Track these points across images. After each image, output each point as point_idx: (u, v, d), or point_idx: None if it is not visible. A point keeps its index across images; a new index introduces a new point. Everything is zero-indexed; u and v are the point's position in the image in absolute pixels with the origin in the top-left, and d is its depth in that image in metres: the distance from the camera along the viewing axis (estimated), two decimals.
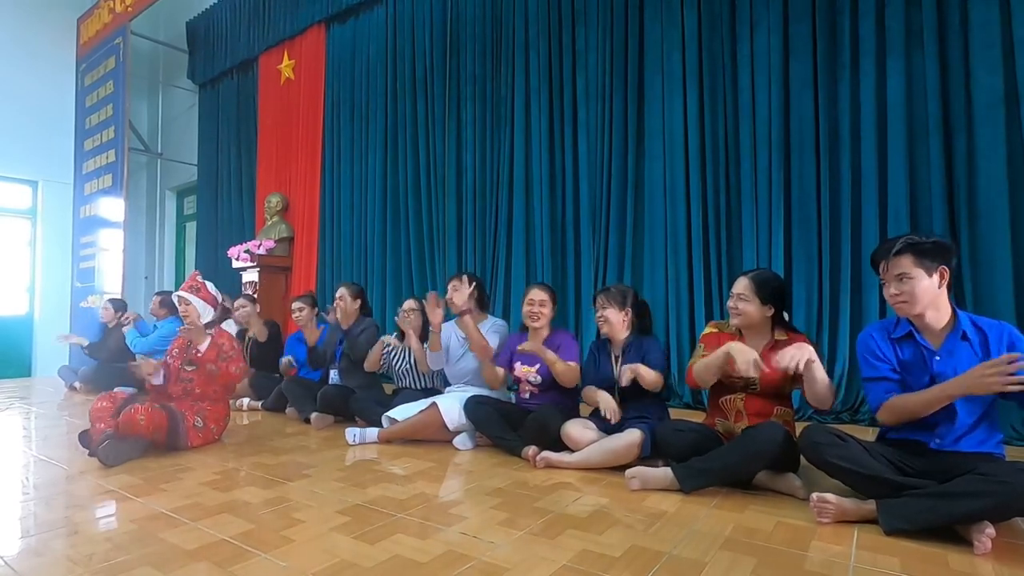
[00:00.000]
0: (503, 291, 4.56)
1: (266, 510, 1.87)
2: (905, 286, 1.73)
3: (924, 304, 1.73)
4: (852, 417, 3.14)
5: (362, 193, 5.65)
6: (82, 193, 7.56)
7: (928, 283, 1.71)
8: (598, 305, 2.56)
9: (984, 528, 1.51)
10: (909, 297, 1.73)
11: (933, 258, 1.71)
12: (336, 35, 5.96)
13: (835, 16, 3.32)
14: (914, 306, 1.73)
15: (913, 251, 1.72)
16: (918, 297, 1.72)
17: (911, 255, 1.72)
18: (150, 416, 2.52)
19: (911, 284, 1.72)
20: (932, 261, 1.71)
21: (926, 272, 1.71)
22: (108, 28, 7.29)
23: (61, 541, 1.64)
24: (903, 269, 1.73)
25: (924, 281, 1.71)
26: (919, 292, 1.71)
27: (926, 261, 1.71)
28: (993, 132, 2.86)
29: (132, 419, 2.48)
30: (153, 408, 2.56)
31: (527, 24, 4.50)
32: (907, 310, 1.76)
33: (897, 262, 1.74)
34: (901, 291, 1.74)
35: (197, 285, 2.89)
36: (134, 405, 2.54)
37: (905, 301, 1.74)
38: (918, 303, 1.73)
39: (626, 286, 2.65)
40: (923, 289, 1.71)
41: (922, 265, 1.71)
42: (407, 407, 2.92)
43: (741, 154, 3.60)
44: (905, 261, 1.73)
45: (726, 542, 1.59)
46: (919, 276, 1.71)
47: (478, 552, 1.53)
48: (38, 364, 7.45)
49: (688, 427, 2.17)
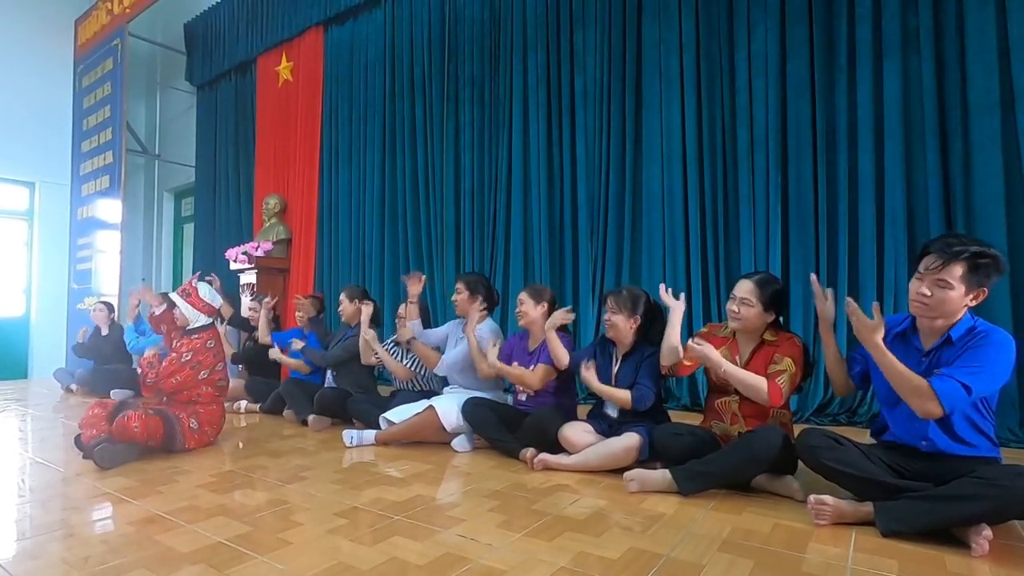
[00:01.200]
0: (501, 292, 4.54)
1: (263, 512, 1.87)
2: (940, 293, 1.62)
3: (943, 315, 1.65)
4: (849, 419, 3.14)
5: (360, 195, 5.65)
6: (79, 194, 7.55)
7: (959, 296, 1.61)
8: (608, 307, 2.48)
9: (981, 530, 1.51)
10: (935, 303, 1.63)
11: (983, 276, 1.59)
12: (334, 37, 5.96)
13: (832, 19, 3.33)
14: (934, 313, 1.65)
15: (970, 263, 1.58)
16: (943, 307, 1.63)
17: (967, 266, 1.59)
18: (144, 423, 2.50)
19: (946, 293, 1.61)
20: (982, 278, 1.60)
21: (967, 288, 1.60)
22: (106, 29, 7.28)
23: (57, 544, 1.63)
24: (948, 276, 1.60)
25: (959, 295, 1.61)
26: (948, 303, 1.62)
27: (976, 277, 1.59)
28: (989, 134, 2.87)
29: (126, 426, 2.46)
30: (147, 415, 2.54)
31: (525, 26, 4.51)
32: (924, 313, 1.68)
33: (950, 267, 1.60)
34: (932, 293, 1.63)
35: (189, 290, 2.86)
36: (127, 412, 2.51)
37: (927, 305, 1.65)
38: (939, 313, 1.64)
39: (639, 290, 2.53)
40: (952, 301, 1.61)
41: (968, 280, 1.59)
42: (404, 409, 2.92)
43: (739, 156, 3.61)
44: (957, 269, 1.59)
45: (724, 544, 1.59)
46: (959, 288, 1.60)
47: (476, 554, 1.53)
48: (34, 366, 7.42)
49: (685, 430, 2.17)
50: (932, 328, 1.72)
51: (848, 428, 3.03)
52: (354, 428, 2.99)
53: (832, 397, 3.22)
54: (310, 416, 3.34)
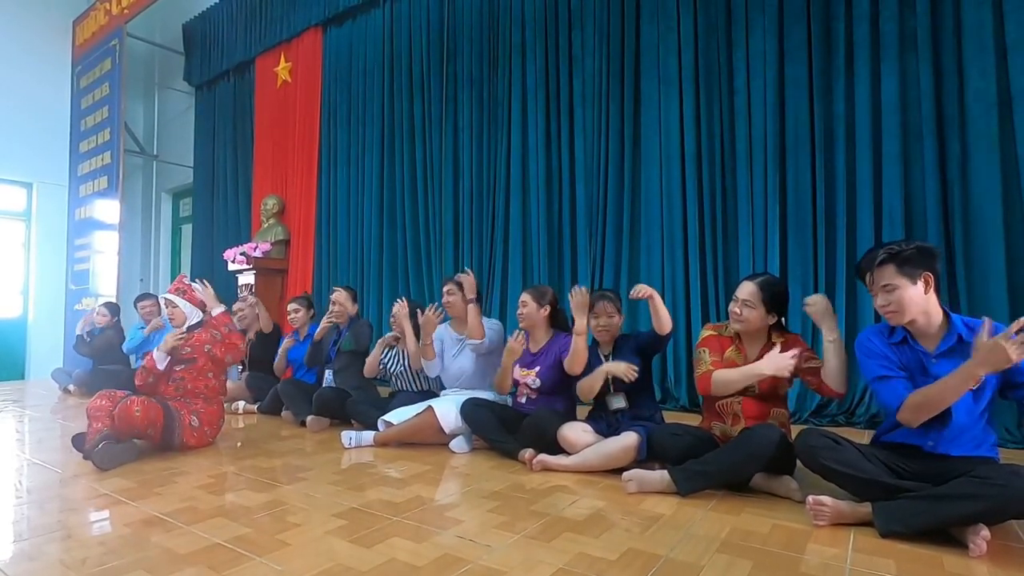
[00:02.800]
0: (499, 293, 4.56)
1: (261, 514, 1.87)
2: (892, 296, 1.72)
3: (913, 312, 1.73)
4: (848, 420, 3.15)
5: (358, 196, 5.65)
6: (77, 195, 7.53)
7: (914, 291, 1.71)
8: (602, 311, 2.53)
9: (979, 530, 1.51)
10: (897, 307, 1.72)
11: (916, 265, 1.70)
12: (333, 38, 5.96)
13: (830, 20, 3.33)
14: (904, 315, 1.73)
15: (894, 261, 1.72)
16: (906, 306, 1.71)
17: (893, 265, 1.72)
18: (146, 409, 2.53)
19: (897, 294, 1.71)
20: (915, 268, 1.70)
21: (910, 280, 1.70)
22: (104, 30, 7.26)
23: (54, 545, 1.63)
24: (887, 279, 1.73)
25: (909, 289, 1.70)
26: (906, 301, 1.71)
27: (908, 268, 1.70)
28: (987, 134, 2.88)
29: (128, 411, 2.49)
30: (149, 401, 2.57)
31: (524, 27, 4.51)
32: (898, 319, 1.76)
33: (880, 273, 1.74)
34: (889, 302, 1.73)
35: (183, 287, 2.88)
36: (130, 397, 2.54)
37: (895, 311, 1.73)
38: (907, 312, 1.72)
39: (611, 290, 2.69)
40: (909, 297, 1.71)
41: (905, 274, 1.71)
42: (403, 410, 2.91)
43: (737, 157, 3.61)
44: (888, 271, 1.73)
45: (722, 545, 1.59)
46: (904, 285, 1.71)
47: (474, 555, 1.52)
48: (32, 367, 7.40)
49: (684, 430, 2.18)
50: (918, 330, 1.77)
51: (846, 429, 3.03)
52: (353, 429, 2.99)
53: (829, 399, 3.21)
54: (308, 417, 3.34)
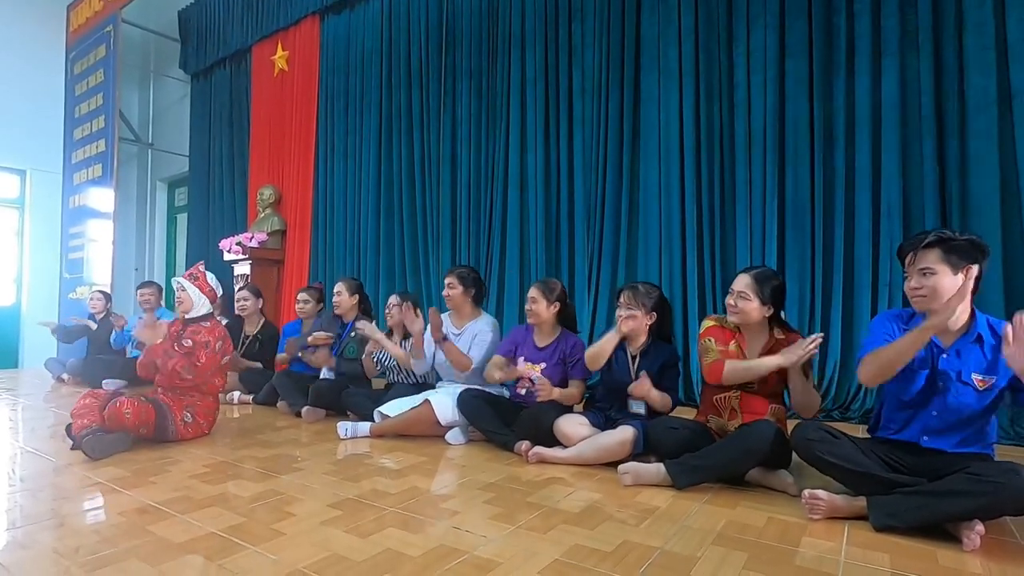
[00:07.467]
0: (496, 286, 4.55)
1: (257, 503, 1.86)
2: (927, 281, 1.67)
3: (944, 301, 1.65)
4: (843, 415, 3.16)
5: (356, 186, 5.61)
6: (71, 183, 7.46)
7: (951, 281, 1.64)
8: (623, 303, 2.42)
9: (974, 526, 1.52)
10: (930, 292, 1.66)
11: (962, 256, 1.64)
12: (331, 26, 5.91)
13: (831, 15, 3.32)
14: (933, 301, 1.67)
15: (942, 246, 1.66)
16: (939, 293, 1.65)
17: (939, 249, 1.66)
18: (136, 410, 2.49)
19: (933, 280, 1.66)
20: (960, 259, 1.64)
21: (951, 269, 1.65)
22: (98, 16, 7.18)
23: (48, 534, 1.62)
24: (928, 263, 1.67)
25: (947, 278, 1.64)
26: (940, 288, 1.65)
27: (953, 258, 1.64)
28: (986, 131, 2.88)
29: (118, 412, 2.45)
30: (140, 402, 2.53)
31: (523, 19, 4.48)
32: (925, 304, 1.69)
33: (924, 255, 1.68)
34: (922, 285, 1.68)
35: (197, 274, 2.84)
36: (120, 399, 2.50)
37: (925, 296, 1.68)
38: (938, 299, 1.65)
39: (652, 285, 2.51)
40: (945, 286, 1.64)
41: (948, 262, 1.65)
42: (399, 403, 2.90)
43: (736, 151, 3.61)
44: (932, 255, 1.67)
45: (718, 538, 1.60)
46: (943, 272, 1.65)
47: (470, 546, 1.52)
48: (25, 355, 7.36)
49: (681, 424, 2.18)
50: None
51: (841, 423, 3.04)
52: (348, 420, 2.98)
53: (825, 392, 3.23)
54: (304, 408, 3.33)
